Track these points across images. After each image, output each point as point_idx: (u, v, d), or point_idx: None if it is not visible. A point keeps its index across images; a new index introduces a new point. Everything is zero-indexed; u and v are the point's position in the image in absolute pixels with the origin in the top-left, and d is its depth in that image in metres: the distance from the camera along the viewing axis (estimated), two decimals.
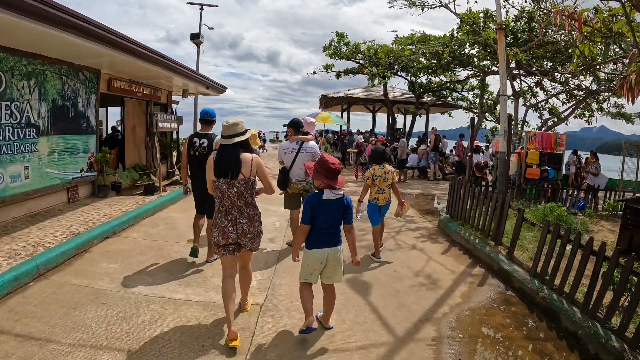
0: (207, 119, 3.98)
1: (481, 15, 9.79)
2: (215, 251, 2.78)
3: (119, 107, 8.12)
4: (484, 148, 14.00)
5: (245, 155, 2.68)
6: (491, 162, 12.28)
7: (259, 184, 2.83)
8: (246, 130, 2.79)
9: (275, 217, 6.23)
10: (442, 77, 14.10)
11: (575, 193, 7.69)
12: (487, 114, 13.50)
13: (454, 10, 9.19)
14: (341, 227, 2.79)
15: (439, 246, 5.20)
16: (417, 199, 8.80)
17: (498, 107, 13.30)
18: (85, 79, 6.31)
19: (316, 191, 2.74)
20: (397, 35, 13.71)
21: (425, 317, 3.20)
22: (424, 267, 4.35)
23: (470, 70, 12.51)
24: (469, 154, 6.71)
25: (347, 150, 14.04)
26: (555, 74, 10.14)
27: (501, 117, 5.31)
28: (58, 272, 3.74)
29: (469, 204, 5.53)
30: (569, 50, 9.33)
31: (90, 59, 5.85)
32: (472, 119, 7.23)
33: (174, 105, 10.36)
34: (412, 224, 6.36)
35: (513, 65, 9.73)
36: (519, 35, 10.11)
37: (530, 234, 5.14)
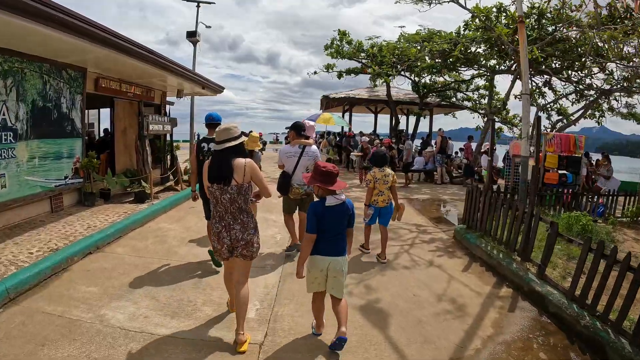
0: (212, 122, 3.98)
1: (494, 10, 9.29)
2: (217, 255, 2.76)
3: (109, 109, 7.64)
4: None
5: (238, 161, 2.58)
6: (501, 164, 11.81)
7: (256, 188, 2.82)
8: (240, 135, 2.69)
9: (275, 228, 5.71)
10: (446, 77, 13.60)
11: (595, 198, 7.21)
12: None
13: (464, 5, 8.68)
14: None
15: (458, 262, 4.70)
16: (426, 205, 8.30)
17: (508, 107, 12.89)
18: (70, 78, 5.81)
19: (317, 199, 2.65)
20: (402, 32, 13.18)
21: (456, 356, 2.71)
22: (446, 288, 3.85)
23: (476, 70, 12.02)
24: (489, 159, 6.19)
25: (351, 153, 13.57)
26: (570, 72, 9.66)
27: (523, 119, 4.84)
28: (31, 296, 3.29)
29: (488, 214, 5.04)
30: (581, 49, 8.87)
31: (74, 56, 5.37)
32: (493, 122, 6.77)
33: (168, 106, 9.86)
34: (425, 234, 5.86)
35: None
36: (528, 32, 9.65)
37: (557, 246, 4.65)
